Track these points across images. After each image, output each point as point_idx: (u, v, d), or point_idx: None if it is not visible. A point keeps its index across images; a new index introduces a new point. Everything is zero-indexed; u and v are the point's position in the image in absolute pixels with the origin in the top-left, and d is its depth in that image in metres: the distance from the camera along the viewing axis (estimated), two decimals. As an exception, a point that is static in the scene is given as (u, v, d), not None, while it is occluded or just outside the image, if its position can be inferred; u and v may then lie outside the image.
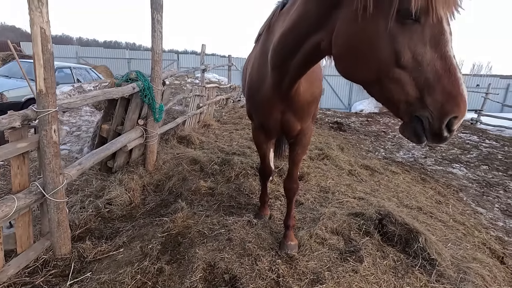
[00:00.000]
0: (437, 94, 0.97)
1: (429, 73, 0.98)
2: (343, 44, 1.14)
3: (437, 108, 0.97)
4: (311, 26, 1.32)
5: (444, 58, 0.98)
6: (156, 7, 3.28)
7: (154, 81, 3.54)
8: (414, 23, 0.97)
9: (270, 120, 1.96)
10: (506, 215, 3.90)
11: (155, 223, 2.67)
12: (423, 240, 2.25)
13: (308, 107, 1.91)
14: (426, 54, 0.98)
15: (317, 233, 2.40)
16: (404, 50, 0.99)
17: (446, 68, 0.97)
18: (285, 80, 1.69)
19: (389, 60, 1.01)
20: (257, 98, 1.91)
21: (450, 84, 0.96)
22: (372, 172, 4.56)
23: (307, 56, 1.45)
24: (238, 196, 3.20)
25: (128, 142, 3.40)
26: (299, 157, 2.14)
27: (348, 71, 1.20)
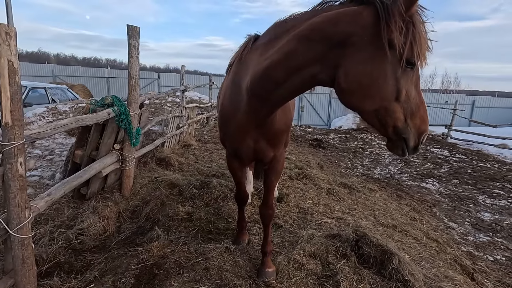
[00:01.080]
0: (417, 120, 1.33)
1: (413, 104, 1.31)
2: (353, 81, 1.32)
3: (416, 129, 1.34)
4: (305, 61, 1.41)
5: (419, 94, 1.35)
6: (133, 34, 3.32)
7: (130, 105, 3.51)
8: (410, 70, 1.27)
9: (243, 148, 2.00)
10: (476, 229, 4.08)
11: (129, 254, 2.58)
12: (397, 261, 2.31)
13: (281, 135, 1.97)
14: (412, 91, 1.31)
15: (295, 258, 2.40)
16: (402, 89, 1.28)
17: (421, 101, 1.35)
18: (265, 109, 1.73)
19: (392, 96, 1.28)
20: (231, 126, 1.95)
21: (423, 112, 1.35)
22: (350, 190, 4.66)
23: (295, 86, 1.53)
24: (216, 221, 3.17)
25: (103, 168, 3.31)
26: (274, 183, 2.18)
27: (353, 102, 1.39)
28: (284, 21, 1.53)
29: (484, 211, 4.73)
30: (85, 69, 17.85)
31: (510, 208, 4.94)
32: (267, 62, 1.51)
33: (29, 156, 5.06)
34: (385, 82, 1.26)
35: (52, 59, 72.35)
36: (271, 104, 1.68)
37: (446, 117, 14.37)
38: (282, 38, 1.47)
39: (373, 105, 1.31)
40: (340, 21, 1.29)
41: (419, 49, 1.21)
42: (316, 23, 1.35)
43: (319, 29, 1.34)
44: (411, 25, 1.19)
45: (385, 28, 1.19)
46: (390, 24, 1.18)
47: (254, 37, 1.79)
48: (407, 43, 1.19)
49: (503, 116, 16.94)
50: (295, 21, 1.46)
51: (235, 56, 1.91)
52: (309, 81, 1.47)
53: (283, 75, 1.49)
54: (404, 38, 1.19)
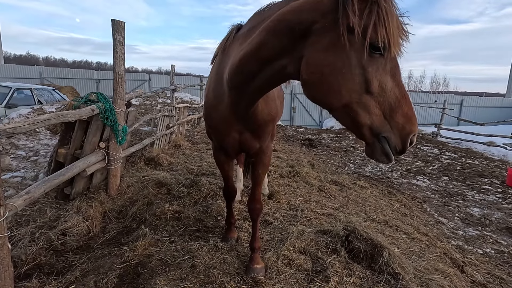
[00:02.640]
0: (399, 117, 1.15)
1: (391, 98, 1.15)
2: (314, 72, 1.21)
3: (400, 128, 1.16)
4: (274, 53, 1.37)
5: (400, 86, 1.17)
6: (117, 29, 3.24)
7: (116, 102, 3.42)
8: (380, 57, 1.13)
9: (228, 139, 1.96)
10: (466, 224, 4.10)
11: (113, 253, 2.49)
12: (387, 254, 2.28)
13: (266, 126, 1.93)
14: (388, 82, 1.15)
15: (284, 254, 2.36)
16: (373, 79, 1.13)
17: (403, 95, 1.17)
18: (244, 100, 1.71)
19: (360, 88, 1.14)
20: (215, 118, 1.91)
21: (407, 108, 1.16)
22: (341, 187, 4.64)
23: (268, 79, 1.49)
24: (205, 219, 3.10)
25: (87, 167, 3.21)
26: (261, 177, 2.13)
27: (318, 96, 1.26)
28: (262, 10, 1.50)
29: (473, 206, 4.77)
30: (73, 71, 17.55)
31: (498, 203, 5.00)
32: (242, 53, 1.49)
33: (12, 158, 4.91)
34: (350, 72, 1.13)
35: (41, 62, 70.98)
36: (250, 96, 1.65)
37: (435, 117, 14.59)
38: (257, 28, 1.44)
39: (340, 99, 1.17)
40: (303, 10, 1.22)
41: (386, 31, 1.07)
42: (282, 13, 1.30)
43: (285, 19, 1.28)
44: (375, 6, 1.08)
45: (342, 12, 1.10)
46: (347, 7, 1.08)
47: (237, 27, 1.75)
48: (370, 26, 1.07)
49: (490, 115, 17.32)
50: (270, 11, 1.42)
51: (219, 47, 1.87)
52: (280, 74, 1.42)
53: (256, 66, 1.46)
54: (366, 21, 1.08)
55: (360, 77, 1.13)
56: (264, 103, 1.85)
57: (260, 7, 1.54)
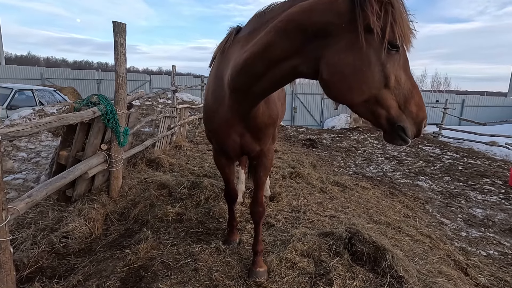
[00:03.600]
0: (412, 106, 1.25)
1: (405, 90, 1.24)
2: (335, 72, 1.25)
3: (414, 117, 1.26)
4: (283, 53, 1.36)
5: (410, 78, 1.27)
6: (119, 30, 3.23)
7: (118, 104, 3.42)
8: (396, 53, 1.20)
9: (229, 143, 1.95)
10: (468, 225, 4.08)
11: (115, 257, 2.49)
12: (390, 257, 2.27)
13: (267, 129, 1.92)
14: (402, 76, 1.24)
15: (287, 257, 2.34)
16: (390, 75, 1.20)
17: (414, 86, 1.27)
18: (247, 102, 1.70)
19: (380, 84, 1.21)
20: (215, 121, 1.90)
21: (418, 97, 1.27)
22: (343, 188, 4.63)
23: (276, 79, 1.48)
24: (207, 221, 3.09)
25: (89, 169, 3.20)
26: (262, 179, 2.12)
27: (339, 95, 1.31)
28: (263, 12, 1.50)
29: (475, 207, 4.75)
30: (74, 71, 17.55)
31: (501, 203, 4.97)
32: (246, 55, 1.48)
33: (14, 159, 4.91)
34: (370, 70, 1.19)
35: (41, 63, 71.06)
36: (253, 98, 1.64)
37: (437, 116, 14.54)
38: (260, 30, 1.44)
39: (361, 96, 1.24)
40: (315, 11, 1.23)
41: (401, 29, 1.15)
42: (291, 14, 1.30)
43: (295, 19, 1.28)
44: (389, 6, 1.13)
45: (360, 13, 1.13)
46: (365, 9, 1.12)
47: (236, 29, 1.74)
48: (388, 25, 1.13)
49: (492, 115, 17.25)
50: (273, 12, 1.42)
51: (217, 49, 1.86)
52: (289, 74, 1.42)
53: (262, 67, 1.45)
54: (383, 21, 1.13)
55: (379, 74, 1.20)
56: (265, 105, 1.84)
57: (260, 9, 1.54)
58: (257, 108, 1.78)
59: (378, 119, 1.27)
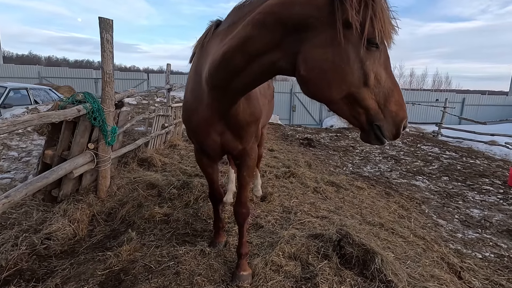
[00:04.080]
0: (392, 105, 1.20)
1: (385, 88, 1.19)
2: (313, 68, 1.19)
3: (393, 116, 1.20)
4: (263, 47, 1.30)
5: (391, 76, 1.21)
6: (105, 27, 3.15)
7: (105, 102, 3.34)
8: (376, 50, 1.15)
9: (208, 142, 1.87)
10: (465, 226, 4.00)
11: (97, 259, 2.41)
12: (379, 260, 2.19)
13: (248, 127, 1.84)
14: (382, 74, 1.18)
15: (273, 260, 2.26)
16: (370, 72, 1.15)
17: (394, 84, 1.21)
18: (226, 100, 1.63)
19: (358, 81, 1.15)
20: (194, 120, 1.83)
21: (398, 96, 1.21)
22: (338, 188, 4.54)
23: (255, 75, 1.42)
24: (194, 222, 3.01)
25: (75, 169, 3.13)
26: (246, 179, 2.04)
27: (316, 92, 1.25)
28: (242, 4, 1.43)
29: (473, 208, 4.66)
30: (72, 70, 17.49)
31: (500, 204, 4.88)
32: (224, 49, 1.41)
33: (4, 158, 4.84)
34: (349, 66, 1.13)
35: (43, 62, 71.10)
36: (232, 95, 1.57)
37: (436, 115, 14.42)
38: (239, 23, 1.37)
39: (339, 94, 1.18)
40: (295, 3, 1.18)
41: (382, 25, 1.09)
42: (270, 6, 1.24)
43: (274, 12, 1.22)
44: (370, 1, 1.07)
45: (339, 6, 1.08)
46: (344, 2, 1.07)
47: (216, 23, 1.67)
48: (367, 21, 1.08)
49: (492, 114, 17.11)
50: (252, 5, 1.35)
51: (197, 44, 1.78)
52: (269, 69, 1.35)
53: (241, 62, 1.38)
54: (363, 15, 1.08)
55: (358, 71, 1.15)
56: (246, 102, 1.76)
57: (239, 2, 1.46)
58: (237, 106, 1.70)
59: (357, 118, 1.22)
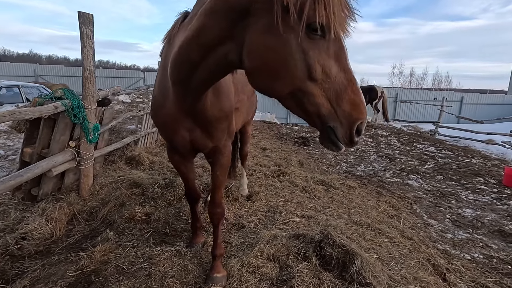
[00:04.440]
0: (345, 104, 1.05)
1: (336, 84, 1.05)
2: (256, 58, 1.10)
3: (346, 116, 1.06)
4: (214, 37, 1.23)
5: (346, 71, 1.07)
6: (84, 21, 3.07)
7: (85, 99, 3.26)
8: (321, 39, 1.03)
9: (177, 138, 1.80)
10: (456, 226, 3.92)
11: (70, 260, 2.34)
12: (359, 262, 2.11)
13: (218, 123, 1.77)
14: (332, 68, 1.05)
15: (250, 262, 2.19)
16: (315, 64, 1.03)
17: (349, 80, 1.06)
18: (189, 95, 1.55)
19: (302, 74, 1.04)
20: (161, 115, 1.76)
21: (353, 94, 1.06)
22: (328, 187, 4.47)
23: (212, 69, 1.35)
24: (175, 222, 2.94)
25: (53, 167, 3.06)
26: (219, 179, 1.97)
27: (262, 85, 1.16)
28: None
29: (466, 207, 4.58)
30: (68, 68, 17.43)
31: (493, 203, 4.80)
32: (181, 41, 1.35)
33: (-11, 157, 4.78)
34: (291, 57, 1.03)
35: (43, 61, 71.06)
36: (194, 89, 1.50)
37: (434, 114, 14.32)
38: (197, 14, 1.29)
39: (285, 88, 1.08)
40: None
41: (327, 10, 0.97)
42: None
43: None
44: None
45: None
46: None
47: (184, 14, 1.60)
48: (307, 4, 0.97)
49: (491, 113, 16.99)
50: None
51: (165, 37, 1.71)
52: (223, 63, 1.28)
53: (197, 56, 1.32)
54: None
55: (301, 62, 1.03)
56: (215, 97, 1.68)
57: None
58: (204, 101, 1.63)
59: (310, 117, 1.12)
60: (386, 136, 10.27)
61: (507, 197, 5.02)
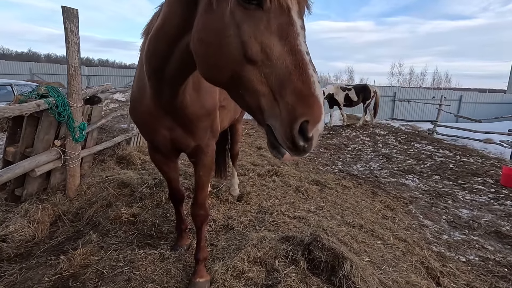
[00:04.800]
0: (288, 96, 0.83)
1: (279, 69, 0.84)
2: (198, 40, 0.99)
3: (288, 111, 0.82)
4: (179, 27, 1.15)
5: (294, 52, 0.85)
6: (68, 16, 2.98)
7: (71, 97, 3.17)
8: (257, 9, 0.86)
9: (157, 137, 1.72)
10: (452, 227, 3.84)
11: (49, 263, 2.26)
12: (348, 266, 2.03)
13: (199, 121, 1.68)
14: (275, 47, 0.85)
15: (235, 265, 2.11)
16: (250, 41, 0.86)
17: (296, 63, 0.84)
18: (164, 90, 1.47)
19: (238, 53, 0.88)
20: (139, 112, 1.68)
21: (301, 83, 0.83)
22: (322, 187, 4.38)
23: (183, 61, 1.26)
24: (162, 223, 2.85)
25: (36, 167, 2.97)
26: (202, 179, 1.88)
27: (202, 70, 1.04)
28: None
29: (462, 208, 4.50)
30: (64, 66, 17.27)
31: (490, 204, 4.72)
32: (152, 32, 1.29)
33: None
34: (224, 32, 0.89)
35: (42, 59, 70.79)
36: (169, 83, 1.41)
37: (433, 113, 14.24)
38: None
39: (222, 71, 0.93)
40: None
41: None
42: None
43: None
44: None
45: None
46: None
47: (161, 6, 1.50)
48: None
49: (490, 112, 16.91)
50: None
51: (144, 31, 1.62)
52: (187, 53, 1.17)
53: (165, 46, 1.25)
54: None
55: (235, 39, 0.88)
56: (196, 94, 1.60)
57: None
58: (183, 97, 1.54)
59: (253, 112, 0.93)
60: (384, 135, 10.19)
61: (505, 197, 4.94)
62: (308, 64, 0.85)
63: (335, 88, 11.28)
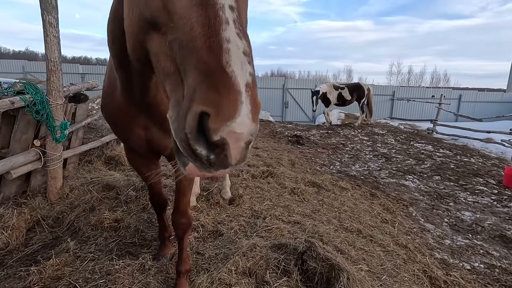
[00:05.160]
0: (189, 71, 0.57)
1: (182, 32, 0.59)
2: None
3: (189, 96, 0.56)
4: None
5: (204, 6, 0.59)
6: (46, 8, 2.79)
7: (50, 94, 2.98)
8: None
9: (132, 137, 1.53)
10: (455, 231, 3.66)
11: (18, 275, 2.07)
12: (345, 279, 1.85)
13: None
14: (180, 2, 0.61)
15: (221, 278, 1.92)
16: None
17: (205, 23, 0.57)
18: (135, 83, 1.28)
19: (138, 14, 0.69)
20: (111, 109, 1.51)
21: (206, 51, 0.55)
22: (319, 189, 4.20)
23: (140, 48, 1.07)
24: (146, 229, 2.66)
25: (12, 169, 2.77)
26: (183, 184, 1.69)
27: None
28: None
29: (464, 210, 4.33)
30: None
31: (493, 205, 4.56)
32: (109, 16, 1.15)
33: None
34: None
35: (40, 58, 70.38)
36: (137, 74, 1.22)
37: (432, 112, 14.08)
38: None
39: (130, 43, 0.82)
40: None
41: None
42: None
43: None
44: None
45: None
46: None
47: None
48: None
49: (489, 111, 16.76)
50: None
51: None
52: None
53: (118, 32, 1.07)
54: None
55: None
56: None
57: None
58: (157, 92, 1.35)
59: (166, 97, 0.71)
60: (383, 135, 10.01)
61: (508, 199, 4.78)
62: (223, 23, 0.57)
63: (328, 86, 11.13)
